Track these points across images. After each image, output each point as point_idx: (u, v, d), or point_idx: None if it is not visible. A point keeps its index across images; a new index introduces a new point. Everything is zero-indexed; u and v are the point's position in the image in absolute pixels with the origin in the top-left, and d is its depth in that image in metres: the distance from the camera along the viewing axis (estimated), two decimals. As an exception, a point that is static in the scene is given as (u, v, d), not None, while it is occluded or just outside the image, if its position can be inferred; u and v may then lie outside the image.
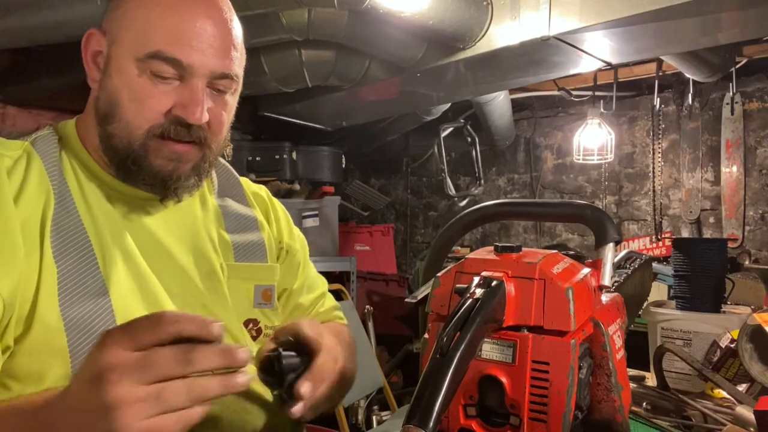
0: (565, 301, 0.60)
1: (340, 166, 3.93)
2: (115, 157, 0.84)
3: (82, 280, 0.77)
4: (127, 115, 0.81)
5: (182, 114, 0.82)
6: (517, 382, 0.59)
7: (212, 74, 0.83)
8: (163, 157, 0.83)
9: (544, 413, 0.58)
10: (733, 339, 1.38)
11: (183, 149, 0.84)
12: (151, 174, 0.83)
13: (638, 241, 3.70)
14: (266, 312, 0.95)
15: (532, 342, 0.59)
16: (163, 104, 0.81)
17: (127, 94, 0.81)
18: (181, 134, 0.83)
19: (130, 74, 0.81)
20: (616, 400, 0.68)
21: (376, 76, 2.80)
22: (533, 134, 4.39)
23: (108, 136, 0.83)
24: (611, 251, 0.73)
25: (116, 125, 0.82)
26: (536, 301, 0.60)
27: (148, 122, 0.81)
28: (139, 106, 0.81)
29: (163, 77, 0.81)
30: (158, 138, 0.82)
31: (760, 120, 3.47)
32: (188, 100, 0.82)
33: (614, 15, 2.04)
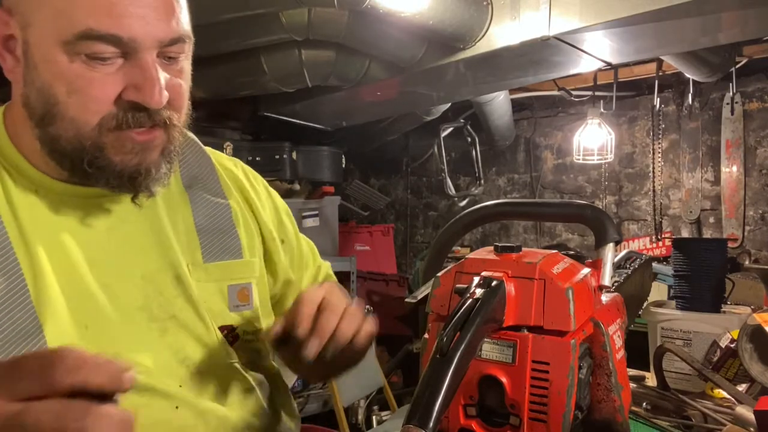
0: (565, 301, 0.60)
1: (340, 166, 3.93)
2: (66, 162, 0.70)
3: (10, 319, 0.66)
4: (69, 111, 0.67)
5: (137, 98, 0.67)
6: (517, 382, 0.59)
7: (161, 43, 0.68)
8: (124, 151, 0.69)
9: (544, 413, 0.58)
10: (733, 339, 1.38)
11: (146, 137, 0.70)
12: (114, 173, 0.70)
13: (638, 241, 3.70)
14: (245, 314, 0.84)
15: (532, 342, 0.59)
16: (109, 90, 0.67)
17: (63, 87, 0.66)
18: (142, 121, 0.69)
19: (60, 63, 0.66)
20: (616, 400, 0.68)
21: (376, 76, 2.80)
22: (533, 134, 4.39)
23: (51, 140, 0.69)
24: (611, 251, 0.73)
25: (59, 125, 0.68)
26: (536, 301, 0.60)
27: (96, 115, 0.67)
28: (80, 98, 0.67)
29: (101, 59, 0.66)
30: (114, 131, 0.68)
31: (760, 120, 3.47)
32: (141, 81, 0.67)
33: (614, 15, 2.04)
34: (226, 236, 0.85)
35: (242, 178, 0.94)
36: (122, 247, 0.76)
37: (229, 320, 0.83)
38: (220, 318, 0.82)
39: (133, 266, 0.76)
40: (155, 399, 0.74)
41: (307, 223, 3.55)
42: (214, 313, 0.81)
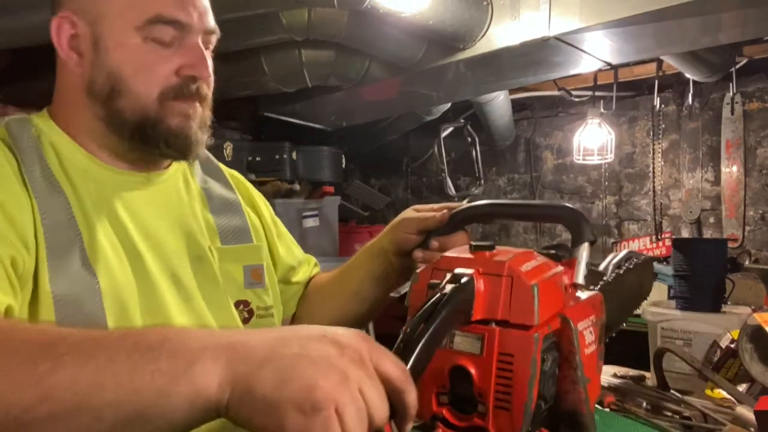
0: (530, 297, 0.64)
1: (340, 166, 3.93)
2: (126, 131, 0.85)
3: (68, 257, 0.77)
4: (134, 87, 0.83)
5: (193, 72, 0.84)
6: (484, 373, 0.63)
7: (205, 30, 0.86)
8: (178, 114, 0.85)
9: (509, 402, 0.62)
10: (733, 339, 1.38)
11: (190, 106, 0.86)
12: (171, 134, 0.85)
13: (638, 241, 3.70)
14: (258, 292, 0.96)
15: (499, 335, 0.63)
16: (168, 67, 0.83)
17: (132, 65, 0.82)
18: (192, 92, 0.85)
19: (131, 45, 0.82)
20: (581, 392, 0.71)
21: (376, 76, 2.80)
22: (533, 134, 4.39)
23: (116, 113, 0.84)
24: (586, 251, 0.79)
25: (124, 100, 0.83)
26: (504, 296, 0.64)
27: (158, 87, 0.83)
28: (146, 74, 0.83)
29: (163, 42, 0.83)
30: (171, 100, 0.84)
31: (760, 120, 3.47)
32: (195, 59, 0.84)
33: (614, 15, 2.04)
34: (238, 224, 0.99)
35: (242, 182, 1.09)
36: (157, 225, 0.88)
37: (245, 296, 0.94)
38: (237, 293, 0.94)
39: (165, 242, 0.88)
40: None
41: (307, 223, 3.55)
42: (232, 289, 0.93)
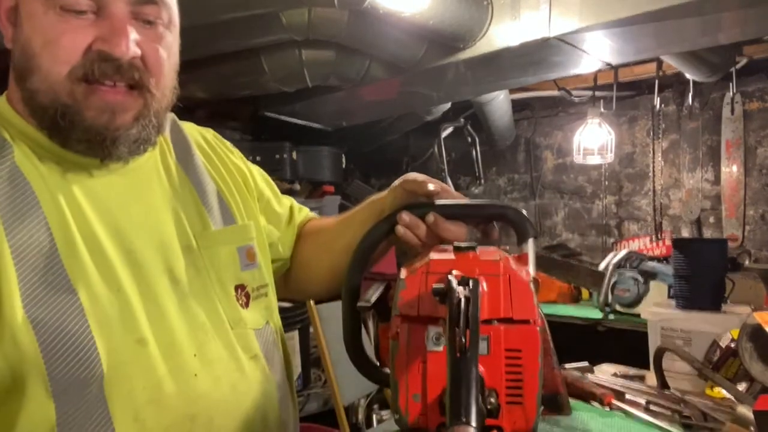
0: (529, 293, 0.65)
1: (340, 166, 3.93)
2: (45, 117, 0.73)
3: (46, 275, 0.69)
4: (43, 63, 0.71)
5: (104, 47, 0.70)
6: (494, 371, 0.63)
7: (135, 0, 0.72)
8: (93, 107, 0.72)
9: (520, 395, 0.63)
10: (733, 338, 1.38)
11: (116, 98, 0.73)
12: (83, 128, 0.72)
13: (638, 241, 3.69)
14: (253, 273, 0.90)
15: (504, 332, 0.63)
16: (79, 40, 0.70)
17: (39, 39, 0.70)
18: (108, 73, 0.71)
19: (37, 15, 0.70)
20: (558, 375, 0.75)
21: (376, 76, 2.80)
22: (533, 134, 4.39)
23: (31, 95, 0.72)
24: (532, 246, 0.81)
25: (35, 78, 0.71)
26: (503, 294, 0.65)
27: (66, 65, 0.70)
28: (52, 48, 0.70)
29: (75, 11, 0.70)
30: (83, 82, 0.71)
31: (760, 120, 3.47)
32: (109, 31, 0.70)
33: (614, 15, 2.04)
34: (221, 206, 0.90)
35: (215, 146, 0.97)
36: (140, 216, 0.80)
37: (242, 279, 0.88)
38: (235, 278, 0.87)
39: (152, 233, 0.79)
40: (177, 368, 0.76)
41: (308, 223, 3.55)
42: (230, 273, 0.86)
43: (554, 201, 4.30)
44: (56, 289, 0.69)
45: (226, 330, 0.83)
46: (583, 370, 1.52)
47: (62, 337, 0.68)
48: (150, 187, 0.83)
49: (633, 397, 1.34)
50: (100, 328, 0.71)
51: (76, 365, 0.69)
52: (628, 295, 2.86)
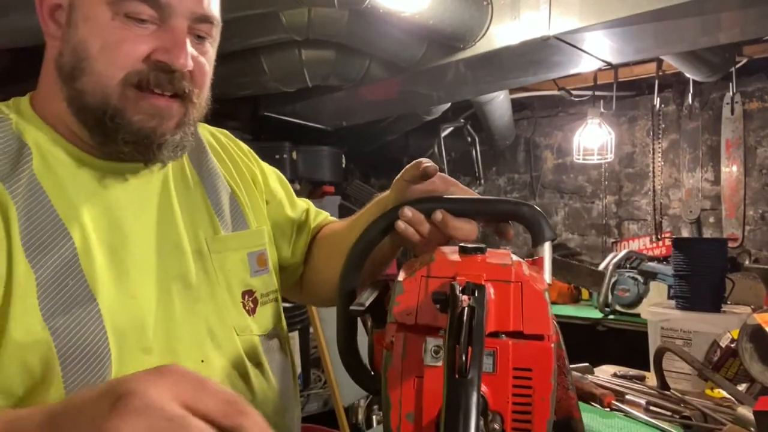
0: (543, 304, 0.57)
1: (340, 166, 3.93)
2: (90, 117, 0.73)
3: (66, 283, 0.69)
4: (97, 66, 0.72)
5: (165, 58, 0.72)
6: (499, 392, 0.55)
7: (192, 15, 0.74)
8: (142, 112, 0.73)
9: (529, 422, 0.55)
10: (733, 339, 1.38)
11: (165, 104, 0.75)
12: (131, 131, 0.73)
13: (638, 241, 3.69)
14: (264, 278, 0.89)
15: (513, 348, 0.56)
16: (140, 49, 0.72)
17: (98, 42, 0.71)
18: (162, 83, 0.73)
19: (100, 19, 0.71)
20: (573, 397, 0.67)
21: (376, 75, 2.80)
22: (533, 134, 4.39)
23: (77, 95, 0.73)
24: (549, 249, 0.72)
25: (86, 80, 0.72)
26: (514, 304, 0.57)
27: (123, 70, 0.72)
28: (111, 53, 0.71)
29: (139, 20, 0.72)
30: (135, 88, 0.73)
31: (760, 120, 3.47)
32: (171, 43, 0.73)
33: (614, 15, 2.04)
34: (235, 211, 0.90)
35: (228, 146, 0.98)
36: (154, 220, 0.80)
37: (251, 285, 0.87)
38: (244, 284, 0.87)
39: (164, 238, 0.80)
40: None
41: (307, 223, 3.55)
42: (238, 279, 0.86)
43: (554, 201, 4.30)
44: (76, 298, 0.69)
45: (232, 337, 0.82)
46: (583, 371, 1.52)
47: (79, 345, 0.69)
48: (163, 191, 0.83)
49: (633, 397, 1.34)
50: (115, 335, 0.71)
51: (90, 372, 0.69)
52: (628, 295, 2.86)
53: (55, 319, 0.68)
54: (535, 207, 0.74)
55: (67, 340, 0.68)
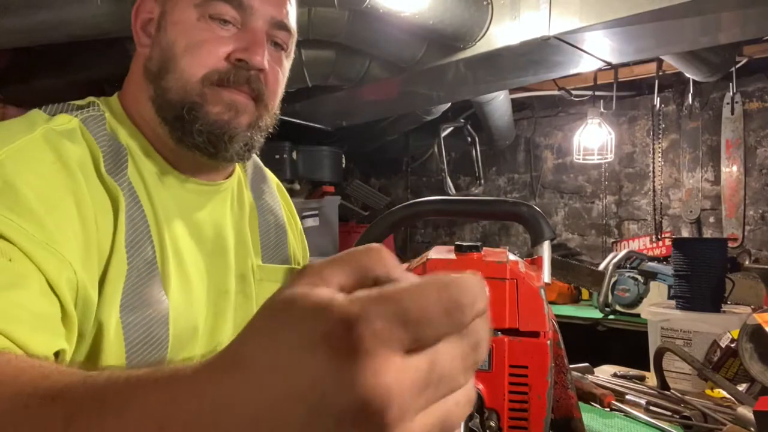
0: (539, 301, 0.58)
1: (340, 166, 3.93)
2: (170, 113, 0.78)
3: (145, 283, 0.72)
4: (181, 63, 0.77)
5: (243, 56, 0.77)
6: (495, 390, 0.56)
7: (272, 20, 0.79)
8: (220, 103, 0.77)
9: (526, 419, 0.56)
10: (733, 339, 1.38)
11: (241, 98, 0.79)
12: (207, 123, 0.77)
13: (638, 241, 3.70)
14: None
15: (509, 345, 0.57)
16: (221, 48, 0.77)
17: (183, 41, 0.77)
18: (240, 80, 0.77)
19: (187, 21, 0.77)
20: (572, 396, 0.68)
21: (376, 75, 2.80)
22: (533, 134, 4.39)
23: (162, 92, 0.78)
24: (548, 249, 0.73)
25: (170, 77, 0.77)
26: (510, 302, 0.58)
27: (204, 68, 0.77)
28: (195, 51, 0.77)
29: (222, 20, 0.77)
30: (215, 86, 0.77)
31: (760, 120, 3.47)
32: (250, 42, 0.78)
33: (614, 15, 2.04)
34: (281, 243, 0.95)
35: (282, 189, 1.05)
36: (213, 237, 0.85)
37: None
38: None
39: (218, 255, 0.84)
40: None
41: (307, 223, 3.55)
42: None
43: (554, 201, 4.30)
44: (151, 298, 0.72)
45: None
46: (583, 371, 1.52)
47: (147, 340, 0.71)
48: (224, 211, 0.88)
49: (633, 397, 1.34)
50: (174, 339, 0.74)
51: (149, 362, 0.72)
52: (628, 295, 2.86)
53: (131, 315, 0.70)
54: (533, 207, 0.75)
55: (137, 335, 0.71)
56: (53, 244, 0.63)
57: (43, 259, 0.61)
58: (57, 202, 0.66)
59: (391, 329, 0.27)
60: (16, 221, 0.61)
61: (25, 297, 0.58)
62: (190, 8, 0.77)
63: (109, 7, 1.91)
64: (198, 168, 0.84)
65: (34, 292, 0.59)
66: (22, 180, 0.64)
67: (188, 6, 0.77)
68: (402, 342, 0.28)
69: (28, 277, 0.59)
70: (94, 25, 1.96)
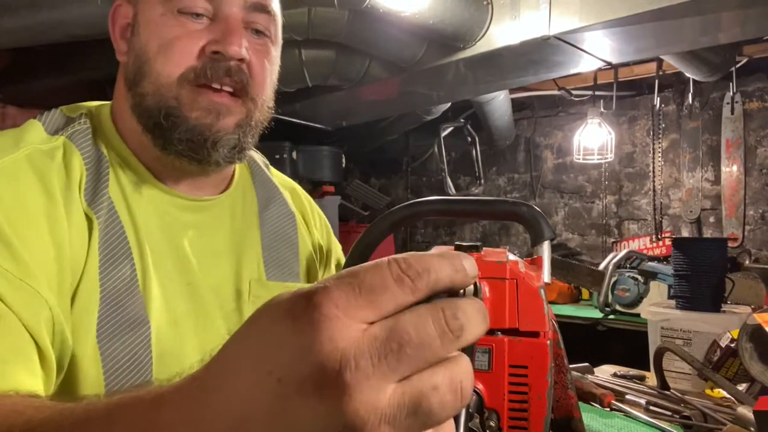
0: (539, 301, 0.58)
1: (340, 166, 3.93)
2: (149, 120, 0.73)
3: (125, 304, 0.69)
4: (156, 66, 0.72)
5: (218, 48, 0.71)
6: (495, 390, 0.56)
7: (247, 4, 0.74)
8: (199, 108, 0.72)
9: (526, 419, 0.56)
10: (733, 338, 1.38)
11: (222, 99, 0.73)
12: (186, 128, 0.72)
13: (638, 241, 3.70)
14: None
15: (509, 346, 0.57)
16: (194, 43, 0.72)
17: (156, 42, 0.72)
18: (219, 75, 0.72)
19: (156, 20, 0.72)
20: (572, 396, 0.68)
21: (376, 75, 2.80)
22: (533, 134, 4.39)
23: (140, 99, 0.73)
24: (548, 249, 0.72)
25: (146, 82, 0.73)
26: (509, 302, 0.58)
27: (178, 67, 0.71)
28: (167, 50, 0.71)
29: (192, 13, 0.72)
30: (192, 85, 0.72)
31: (760, 119, 3.47)
32: (224, 32, 0.72)
33: (614, 14, 2.04)
34: (288, 259, 0.89)
35: (304, 202, 1.00)
36: (205, 252, 0.80)
37: None
38: None
39: (210, 271, 0.79)
40: None
41: (307, 223, 3.55)
42: None
43: (554, 201, 4.30)
44: (131, 322, 0.69)
45: None
46: (583, 371, 1.52)
47: (127, 368, 0.68)
48: (219, 226, 0.83)
49: (633, 397, 1.34)
50: (157, 360, 0.71)
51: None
52: (628, 295, 2.86)
53: (108, 343, 0.67)
54: (533, 207, 0.75)
55: (114, 362, 0.67)
56: (28, 279, 0.61)
57: (17, 301, 0.59)
58: (33, 229, 0.64)
59: (347, 297, 0.29)
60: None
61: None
62: (157, 5, 0.72)
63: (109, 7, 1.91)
64: (187, 177, 0.79)
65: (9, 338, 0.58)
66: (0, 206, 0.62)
67: (156, 3, 0.72)
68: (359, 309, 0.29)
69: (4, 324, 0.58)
70: (94, 25, 1.96)
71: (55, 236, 0.65)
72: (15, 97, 3.16)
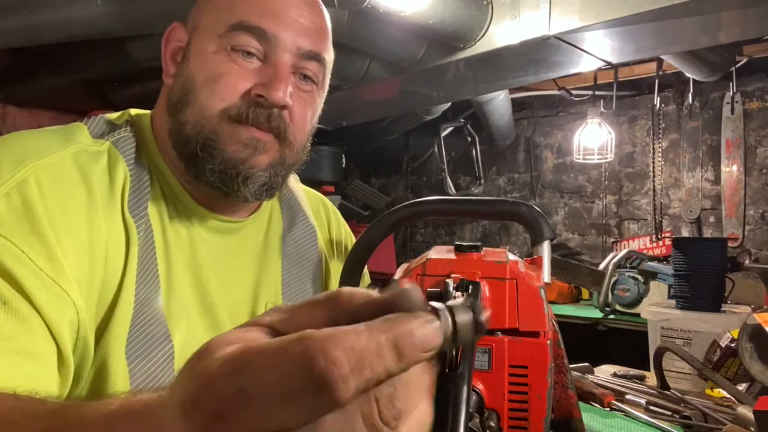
0: (539, 301, 0.58)
1: (340, 166, 3.93)
2: (186, 148, 0.74)
3: (152, 323, 0.69)
4: (200, 97, 0.73)
5: (263, 92, 0.72)
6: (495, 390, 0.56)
7: (299, 50, 0.74)
8: (237, 141, 0.73)
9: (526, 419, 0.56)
10: (733, 338, 1.38)
11: (261, 135, 0.74)
12: (221, 161, 0.73)
13: (638, 241, 3.70)
14: None
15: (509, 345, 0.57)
16: (241, 82, 0.73)
17: (204, 75, 0.73)
18: (260, 118, 0.73)
19: (208, 53, 0.73)
20: (572, 396, 0.68)
21: (376, 75, 2.80)
22: (533, 134, 4.39)
23: (179, 127, 0.74)
24: (548, 249, 0.72)
25: (188, 111, 0.74)
26: (509, 302, 0.58)
27: (222, 102, 0.72)
28: (214, 84, 0.72)
29: (245, 51, 0.72)
30: (233, 122, 0.73)
31: (760, 119, 3.47)
32: (272, 77, 0.73)
33: (614, 14, 2.04)
34: (305, 281, 0.89)
35: (330, 220, 1.01)
36: (226, 273, 0.81)
37: None
38: None
39: (228, 292, 0.81)
40: None
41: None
42: None
43: (554, 200, 4.30)
44: (156, 339, 0.69)
45: None
46: (583, 371, 1.52)
47: (151, 385, 0.68)
48: (244, 248, 0.84)
49: (633, 397, 1.34)
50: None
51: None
52: (628, 295, 2.86)
53: (136, 360, 0.68)
54: (533, 207, 0.75)
55: (141, 380, 0.68)
56: (60, 279, 0.61)
57: (45, 300, 0.59)
58: (72, 232, 0.64)
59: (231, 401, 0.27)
60: (27, 252, 0.60)
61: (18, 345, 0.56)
62: (213, 39, 0.73)
63: (109, 7, 1.91)
64: (217, 203, 0.80)
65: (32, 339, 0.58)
66: (42, 202, 0.62)
67: (212, 37, 0.73)
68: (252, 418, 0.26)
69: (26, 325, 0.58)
70: (94, 25, 1.96)
71: (92, 242, 0.66)
72: (15, 97, 3.16)
